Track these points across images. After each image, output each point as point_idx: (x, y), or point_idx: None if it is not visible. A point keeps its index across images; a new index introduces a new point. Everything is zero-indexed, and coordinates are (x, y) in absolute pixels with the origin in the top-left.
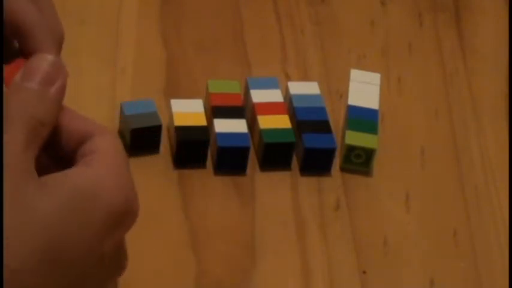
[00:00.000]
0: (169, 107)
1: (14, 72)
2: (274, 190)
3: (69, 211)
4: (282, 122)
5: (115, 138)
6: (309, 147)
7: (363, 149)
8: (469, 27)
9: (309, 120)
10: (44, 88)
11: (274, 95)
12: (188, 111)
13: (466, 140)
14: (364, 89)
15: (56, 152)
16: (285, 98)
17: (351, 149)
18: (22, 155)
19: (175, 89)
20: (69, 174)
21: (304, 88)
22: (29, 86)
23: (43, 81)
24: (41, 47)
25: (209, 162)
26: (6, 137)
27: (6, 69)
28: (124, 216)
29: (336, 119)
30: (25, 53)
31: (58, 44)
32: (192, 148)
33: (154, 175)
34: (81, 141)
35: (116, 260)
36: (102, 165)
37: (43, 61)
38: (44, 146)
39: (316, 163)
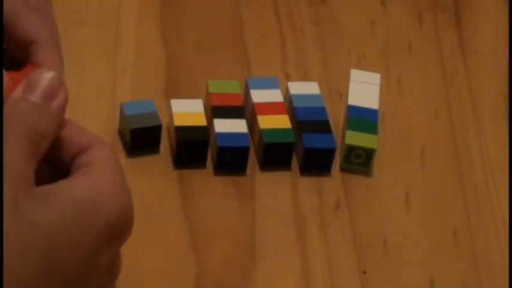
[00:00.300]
0: (169, 107)
1: (21, 79)
2: (274, 190)
3: (69, 222)
4: (282, 122)
5: (112, 151)
6: (309, 147)
7: (363, 149)
8: (469, 27)
9: (309, 120)
10: (45, 103)
11: (274, 95)
12: (188, 111)
13: (466, 140)
14: (364, 89)
15: (55, 163)
16: (285, 98)
17: (351, 149)
18: (22, 166)
19: (175, 89)
20: (69, 185)
21: (304, 88)
22: (30, 98)
23: (44, 96)
24: (50, 64)
25: (209, 162)
26: (6, 148)
27: (16, 75)
28: (121, 227)
29: (336, 119)
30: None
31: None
32: (192, 148)
33: (154, 175)
34: (78, 153)
35: (111, 270)
36: (100, 175)
37: (44, 75)
38: (43, 159)
39: (316, 163)
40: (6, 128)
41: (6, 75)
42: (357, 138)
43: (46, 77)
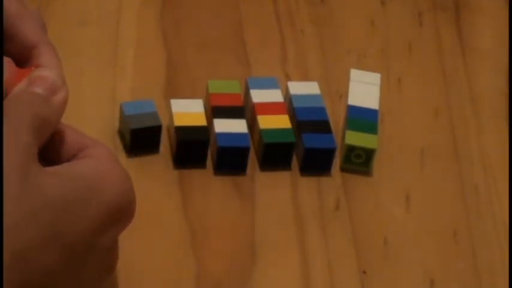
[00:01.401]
0: (169, 107)
1: (23, 77)
2: (274, 190)
3: (74, 196)
4: (282, 122)
5: (110, 150)
6: (309, 147)
7: (363, 149)
8: (469, 26)
9: (309, 120)
10: (49, 95)
11: (274, 95)
12: (188, 111)
13: (466, 140)
14: (364, 89)
15: (53, 159)
16: (285, 98)
17: (351, 149)
18: (29, 142)
19: (175, 89)
20: (74, 165)
21: (304, 88)
22: (34, 90)
23: (47, 90)
24: (53, 67)
25: (209, 162)
26: (12, 129)
27: (19, 71)
28: (122, 211)
29: (336, 119)
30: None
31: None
32: (192, 148)
33: (154, 175)
34: (75, 154)
35: (108, 257)
36: (102, 163)
37: (47, 73)
38: (41, 150)
39: (316, 163)
40: (10, 114)
41: (9, 67)
42: (357, 138)
43: (49, 74)
